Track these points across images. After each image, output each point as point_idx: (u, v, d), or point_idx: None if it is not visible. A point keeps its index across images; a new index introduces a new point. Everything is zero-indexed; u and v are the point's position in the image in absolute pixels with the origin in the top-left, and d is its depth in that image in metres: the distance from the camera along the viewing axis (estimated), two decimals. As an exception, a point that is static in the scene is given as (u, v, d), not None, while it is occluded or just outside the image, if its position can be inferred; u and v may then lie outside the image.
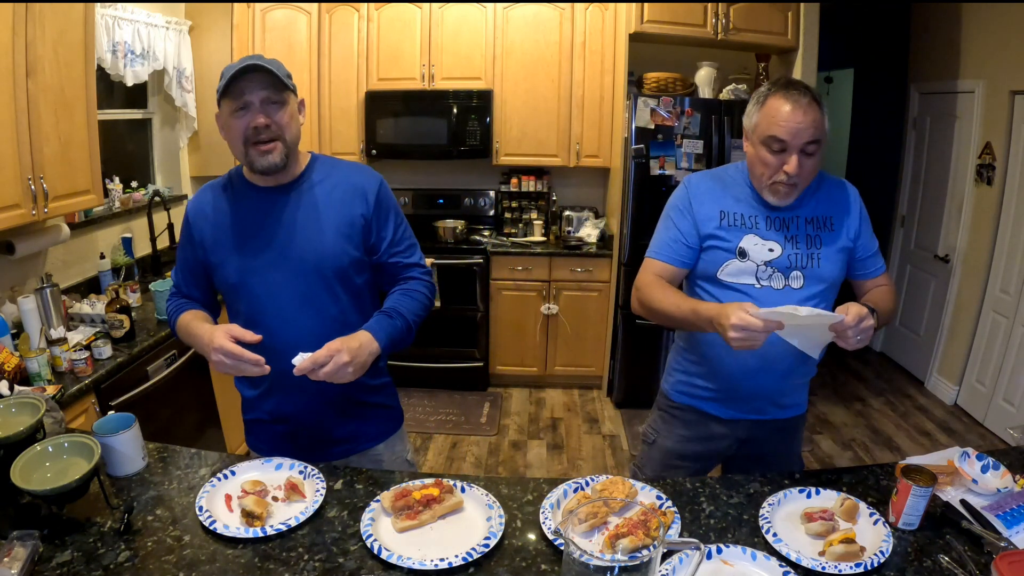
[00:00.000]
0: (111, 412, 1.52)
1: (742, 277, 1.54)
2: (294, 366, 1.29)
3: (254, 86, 1.36)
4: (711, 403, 1.67)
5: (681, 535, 1.22)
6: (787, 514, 1.28)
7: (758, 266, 1.53)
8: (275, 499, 1.30)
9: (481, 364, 4.22)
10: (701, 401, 1.68)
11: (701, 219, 1.57)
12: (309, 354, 1.30)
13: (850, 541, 1.14)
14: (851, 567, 1.10)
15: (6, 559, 1.06)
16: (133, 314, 2.55)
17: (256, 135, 1.38)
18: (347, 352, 1.31)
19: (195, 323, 1.48)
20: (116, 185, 3.29)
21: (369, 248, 1.52)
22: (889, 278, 1.68)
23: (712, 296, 1.57)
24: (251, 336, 1.34)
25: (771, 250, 1.53)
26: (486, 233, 4.41)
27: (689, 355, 1.71)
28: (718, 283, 1.56)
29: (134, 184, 3.54)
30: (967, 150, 3.90)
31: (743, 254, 1.53)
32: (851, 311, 1.31)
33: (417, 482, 1.31)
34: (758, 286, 1.53)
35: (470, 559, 1.13)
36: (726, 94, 3.73)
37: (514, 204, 4.46)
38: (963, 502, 1.28)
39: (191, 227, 1.53)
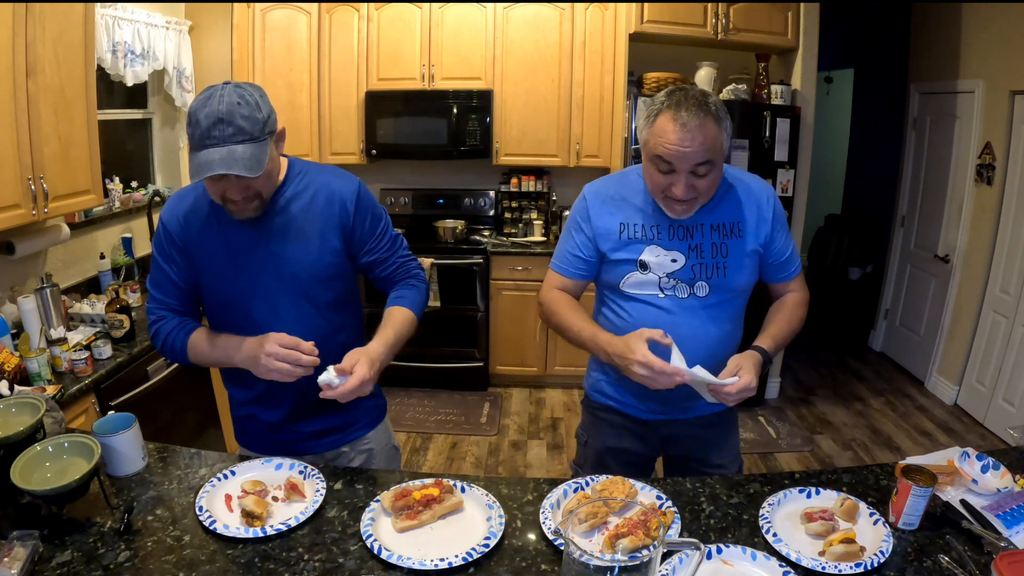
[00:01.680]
0: (111, 412, 1.52)
1: (645, 288, 1.51)
2: (328, 384, 1.31)
3: None
4: (626, 405, 1.64)
5: (681, 535, 1.22)
6: (787, 514, 1.28)
7: (660, 278, 1.49)
8: (275, 499, 1.30)
9: (481, 364, 4.21)
10: (617, 403, 1.65)
11: (599, 233, 1.53)
12: (336, 376, 1.32)
13: (850, 541, 1.14)
14: (851, 567, 1.10)
15: (6, 559, 1.06)
16: (133, 314, 2.55)
17: (239, 201, 1.34)
18: (370, 385, 1.35)
19: (222, 338, 1.43)
20: (116, 185, 3.29)
21: (353, 252, 1.52)
22: (802, 282, 1.63)
23: (618, 306, 1.55)
24: (307, 346, 1.34)
25: (674, 260, 1.48)
26: (486, 233, 4.41)
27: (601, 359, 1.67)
28: (622, 294, 1.54)
29: (134, 184, 3.54)
30: (967, 150, 3.90)
31: (644, 266, 1.49)
32: (740, 380, 1.36)
33: (417, 482, 1.31)
34: (662, 296, 1.50)
35: (470, 559, 1.13)
36: (726, 94, 3.73)
37: (514, 204, 4.46)
38: (963, 502, 1.28)
39: (174, 238, 1.44)
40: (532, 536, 1.22)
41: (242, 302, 1.45)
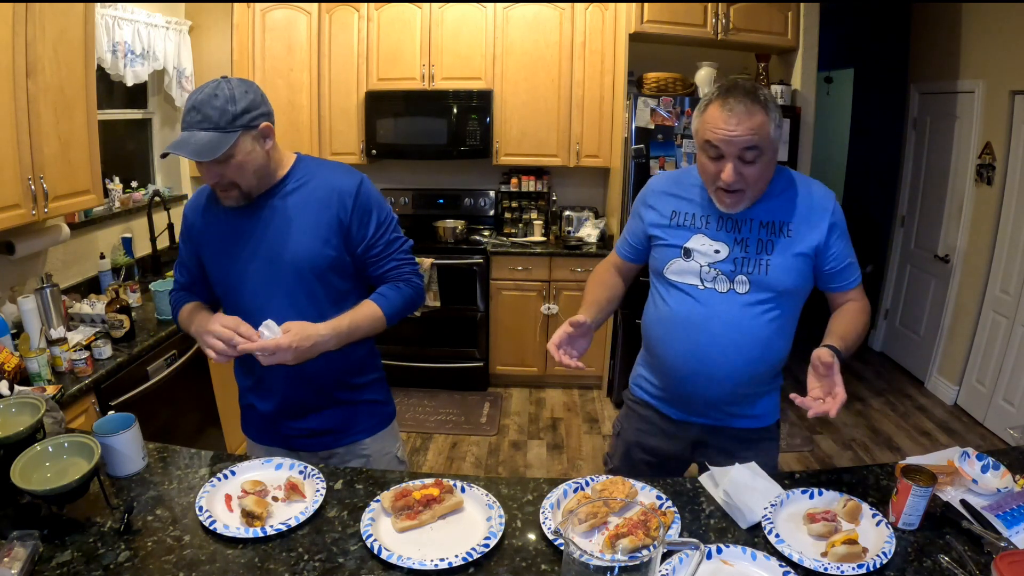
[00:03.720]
0: (111, 412, 1.52)
1: (686, 277, 1.53)
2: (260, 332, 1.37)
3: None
4: (660, 401, 1.66)
5: (681, 535, 1.22)
6: (789, 515, 1.28)
7: (702, 267, 1.51)
8: (275, 499, 1.30)
9: (481, 364, 4.21)
10: (651, 398, 1.68)
11: (650, 220, 1.60)
12: (271, 333, 1.37)
13: (852, 542, 1.14)
14: (853, 568, 1.10)
15: (6, 559, 1.06)
16: (133, 314, 2.55)
17: (216, 186, 1.43)
18: (292, 354, 1.37)
19: (196, 312, 1.55)
20: (116, 185, 3.29)
21: (351, 248, 1.52)
22: (861, 292, 1.57)
23: (660, 294, 1.60)
24: (245, 329, 1.37)
25: (717, 251, 1.50)
26: (486, 233, 4.41)
27: (645, 351, 1.72)
28: (665, 280, 1.58)
29: (134, 184, 3.54)
30: (967, 150, 3.90)
31: (688, 254, 1.53)
32: (835, 401, 1.31)
33: (417, 482, 1.31)
34: (701, 287, 1.51)
35: (470, 559, 1.13)
36: (726, 94, 3.73)
37: (514, 204, 4.46)
38: (963, 502, 1.28)
39: (190, 226, 1.59)
40: (532, 536, 1.22)
41: (235, 288, 1.52)
